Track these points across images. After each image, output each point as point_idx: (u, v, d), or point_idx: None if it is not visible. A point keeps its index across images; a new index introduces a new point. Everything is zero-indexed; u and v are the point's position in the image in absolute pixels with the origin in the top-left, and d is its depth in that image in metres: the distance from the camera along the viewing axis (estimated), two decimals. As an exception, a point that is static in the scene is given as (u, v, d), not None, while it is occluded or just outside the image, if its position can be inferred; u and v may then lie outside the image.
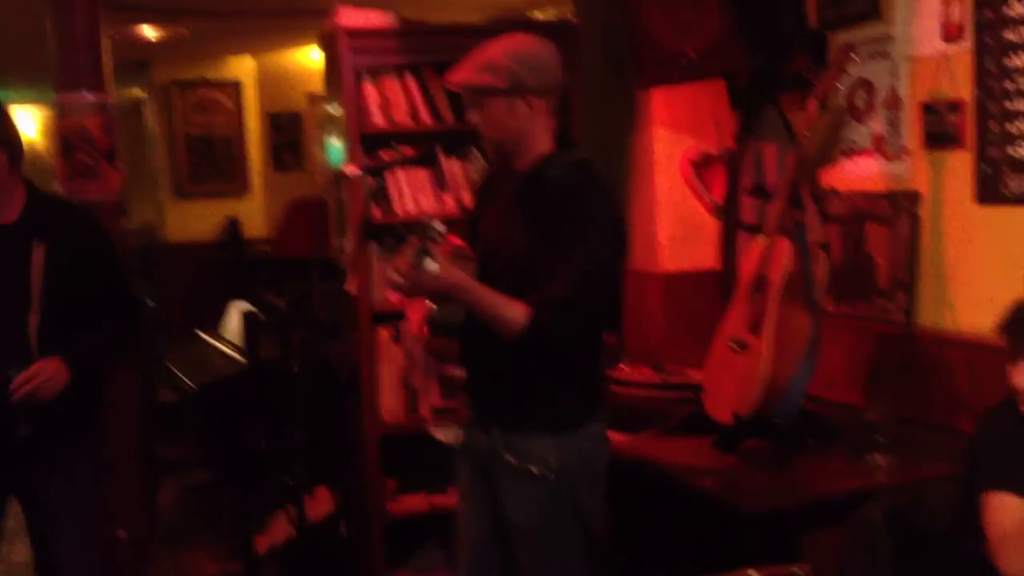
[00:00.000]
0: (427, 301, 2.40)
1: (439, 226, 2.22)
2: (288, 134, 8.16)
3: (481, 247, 2.50)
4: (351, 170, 2.51)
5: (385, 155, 3.52)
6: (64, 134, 3.09)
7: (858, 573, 2.38)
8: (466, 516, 2.64)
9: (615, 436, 2.73)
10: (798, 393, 2.74)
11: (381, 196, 3.47)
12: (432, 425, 2.70)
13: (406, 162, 2.79)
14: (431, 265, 2.19)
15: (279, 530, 3.56)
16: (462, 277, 2.30)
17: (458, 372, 2.50)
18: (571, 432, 2.43)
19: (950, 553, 2.27)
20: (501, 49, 2.38)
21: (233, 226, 7.93)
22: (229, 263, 7.46)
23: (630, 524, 3.21)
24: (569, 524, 2.46)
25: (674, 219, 3.79)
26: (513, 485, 2.45)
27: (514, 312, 2.27)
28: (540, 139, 2.43)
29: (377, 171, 2.52)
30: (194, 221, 8.10)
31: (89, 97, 3.17)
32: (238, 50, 7.93)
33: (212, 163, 8.08)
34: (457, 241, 2.52)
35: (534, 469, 2.41)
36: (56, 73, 3.11)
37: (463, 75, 2.41)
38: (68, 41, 3.12)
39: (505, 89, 2.36)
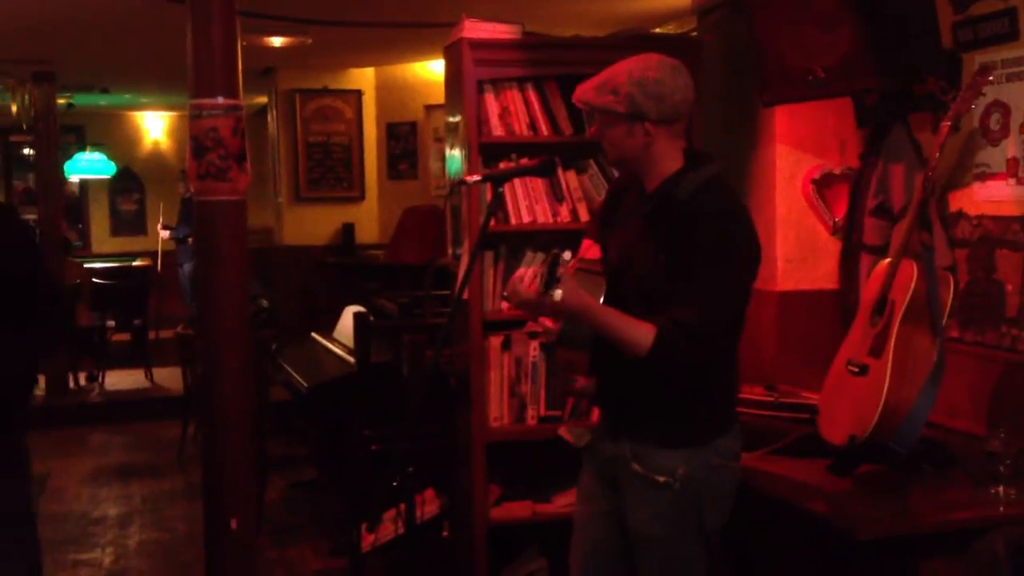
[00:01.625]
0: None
1: (566, 256, 2.29)
2: (404, 144, 8.29)
3: (610, 265, 2.51)
4: (471, 177, 2.54)
5: (503, 165, 3.56)
6: (197, 136, 3.19)
7: (978, 606, 2.30)
8: (586, 522, 2.66)
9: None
10: (919, 419, 2.67)
11: (498, 206, 3.51)
12: (562, 427, 2.73)
13: (525, 172, 2.80)
14: (557, 295, 2.23)
15: (385, 529, 3.61)
16: (587, 301, 2.32)
17: (586, 383, 2.53)
18: (700, 447, 2.43)
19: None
20: (626, 71, 2.38)
21: (348, 231, 8.08)
22: (343, 267, 7.61)
23: (737, 544, 3.17)
24: (692, 536, 2.47)
25: (792, 238, 3.73)
26: (638, 493, 2.47)
27: (640, 334, 2.28)
28: (664, 161, 2.43)
29: (497, 180, 2.55)
30: (310, 225, 8.29)
31: (222, 101, 3.26)
32: (360, 61, 8.11)
33: (330, 170, 8.26)
34: (593, 253, 2.53)
35: (660, 478, 2.42)
36: (192, 78, 3.21)
37: (586, 92, 2.44)
38: (205, 47, 3.20)
39: (623, 114, 2.37)
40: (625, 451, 2.48)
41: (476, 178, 2.55)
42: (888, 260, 2.88)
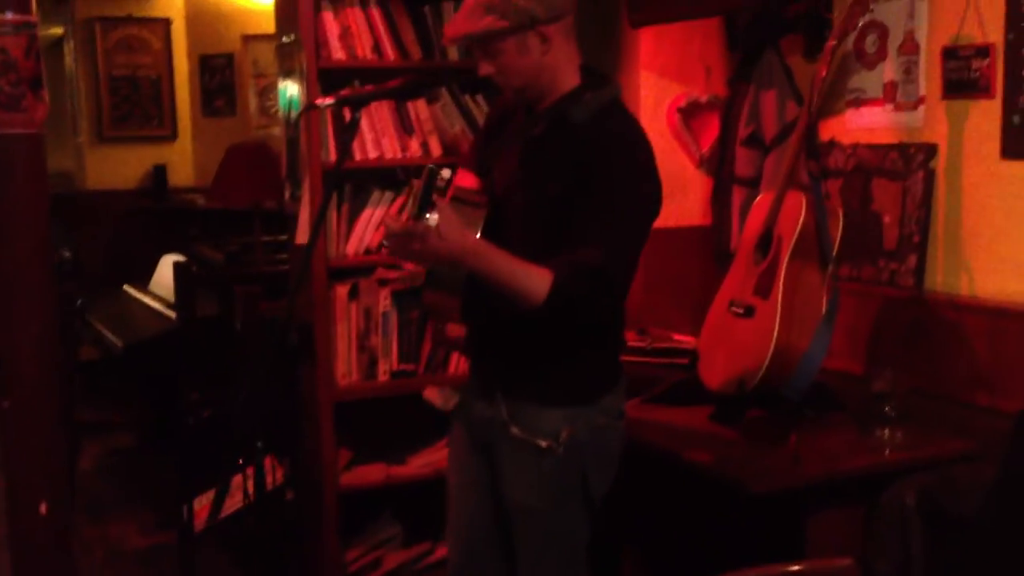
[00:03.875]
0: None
1: (445, 173, 1.92)
2: (220, 77, 7.72)
3: (496, 194, 2.20)
4: (323, 101, 2.18)
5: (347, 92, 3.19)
6: (-20, 58, 2.70)
7: (887, 560, 2.16)
8: (460, 491, 2.38)
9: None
10: (814, 364, 2.51)
11: (355, 134, 3.13)
12: (427, 389, 2.42)
13: (388, 94, 2.45)
14: (433, 220, 1.89)
15: (231, 500, 3.25)
16: (471, 240, 1.99)
17: (460, 331, 2.22)
18: (586, 406, 2.16)
19: (989, 542, 2.06)
20: None
21: (159, 174, 7.48)
22: (157, 213, 7.03)
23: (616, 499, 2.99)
24: (574, 504, 2.22)
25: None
26: (516, 459, 2.20)
27: (534, 282, 1.97)
28: (563, 74, 2.13)
29: (355, 103, 2.19)
30: (117, 168, 7.63)
31: (11, 16, 2.79)
32: (167, -15, 7.47)
33: (137, 105, 7.60)
34: (469, 182, 2.21)
35: (541, 443, 2.15)
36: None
37: (459, 27, 2.11)
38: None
39: (509, 28, 2.04)
40: (501, 412, 2.20)
41: (329, 101, 2.18)
42: (771, 193, 2.70)
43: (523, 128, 2.19)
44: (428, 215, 1.89)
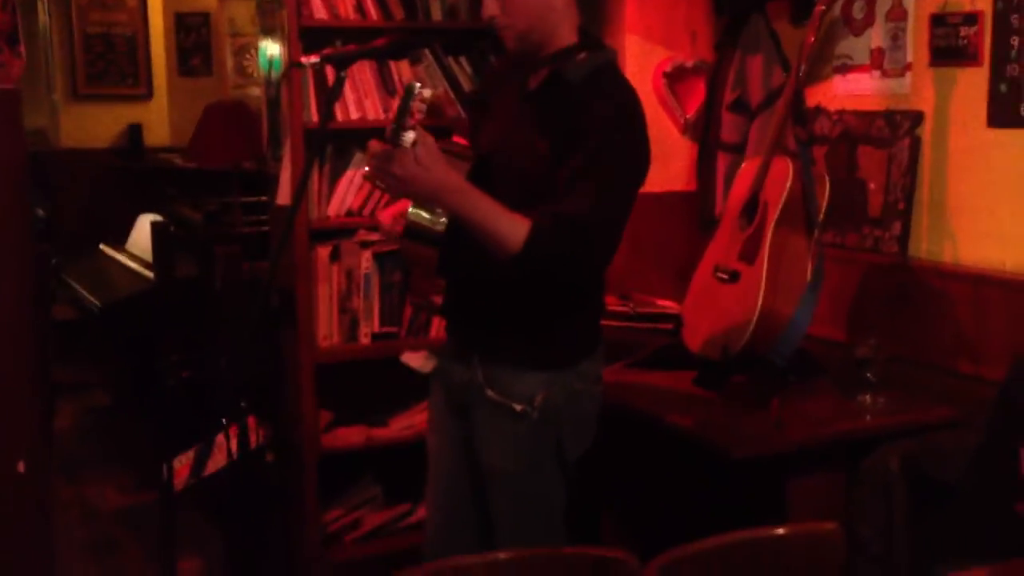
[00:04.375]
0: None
1: (426, 92, 1.84)
2: (196, 36, 7.60)
3: (483, 151, 2.17)
4: (308, 59, 2.14)
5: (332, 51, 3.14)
6: (-46, 10, 2.63)
7: (870, 525, 2.18)
8: (439, 453, 2.37)
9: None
10: (800, 329, 2.51)
11: (339, 94, 3.09)
12: (405, 352, 2.40)
13: (373, 53, 2.42)
14: (409, 138, 1.82)
15: (213, 459, 3.23)
16: (454, 176, 1.94)
17: (435, 293, 2.19)
18: (563, 370, 2.15)
19: (972, 507, 2.08)
20: None
21: (135, 132, 7.38)
22: (133, 172, 6.94)
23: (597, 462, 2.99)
24: (549, 469, 2.21)
25: (641, 136, 3.49)
26: (491, 423, 2.19)
27: (515, 226, 1.94)
28: (562, 29, 2.11)
29: (340, 62, 2.15)
30: (91, 126, 7.52)
31: (-15, -32, 2.71)
32: (142, -60, 7.32)
33: (112, 63, 7.48)
34: (458, 139, 2.18)
35: (516, 406, 2.13)
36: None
37: None
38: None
39: None
40: (477, 375, 2.19)
41: (314, 59, 2.13)
42: (758, 159, 2.69)
43: (515, 88, 2.16)
44: (403, 134, 1.82)
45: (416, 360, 2.93)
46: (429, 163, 1.87)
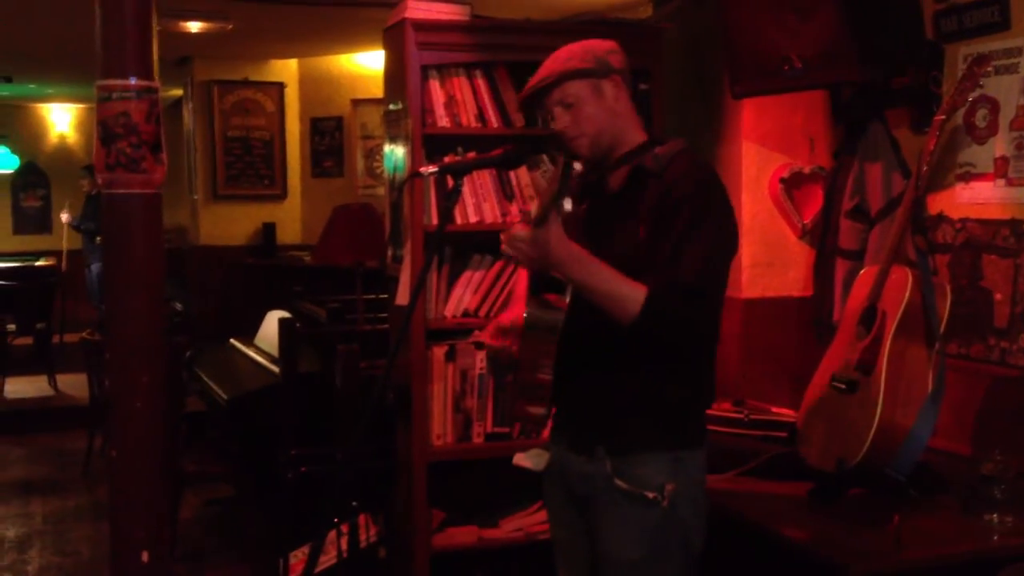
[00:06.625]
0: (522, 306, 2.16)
1: (577, 166, 2.08)
2: (329, 140, 7.94)
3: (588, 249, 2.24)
4: (427, 168, 2.23)
5: (450, 159, 3.26)
6: (105, 121, 2.81)
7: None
8: (570, 546, 2.38)
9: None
10: (919, 442, 2.44)
11: (457, 200, 3.18)
12: (516, 455, 2.42)
13: (489, 163, 2.53)
14: (568, 205, 2.02)
15: (325, 555, 3.28)
16: (578, 248, 2.09)
17: (540, 409, 2.22)
18: (690, 451, 2.20)
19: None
20: (570, 47, 2.26)
21: (268, 231, 7.70)
22: (264, 269, 7.22)
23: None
24: (679, 558, 2.22)
25: (758, 242, 3.48)
26: (619, 512, 2.20)
27: (634, 291, 2.06)
28: (630, 128, 2.27)
29: (457, 172, 2.25)
30: (228, 225, 7.89)
31: (135, 83, 2.90)
32: (282, 52, 7.74)
33: (250, 166, 7.87)
34: None
35: (648, 494, 2.16)
36: (100, 56, 2.84)
37: (544, 71, 2.24)
38: (116, 21, 2.84)
39: (593, 70, 2.21)
40: (604, 466, 2.20)
41: (433, 169, 2.24)
42: (876, 267, 2.65)
43: (599, 187, 2.29)
44: (562, 202, 2.01)
45: (528, 460, 2.94)
46: (558, 240, 2.04)
